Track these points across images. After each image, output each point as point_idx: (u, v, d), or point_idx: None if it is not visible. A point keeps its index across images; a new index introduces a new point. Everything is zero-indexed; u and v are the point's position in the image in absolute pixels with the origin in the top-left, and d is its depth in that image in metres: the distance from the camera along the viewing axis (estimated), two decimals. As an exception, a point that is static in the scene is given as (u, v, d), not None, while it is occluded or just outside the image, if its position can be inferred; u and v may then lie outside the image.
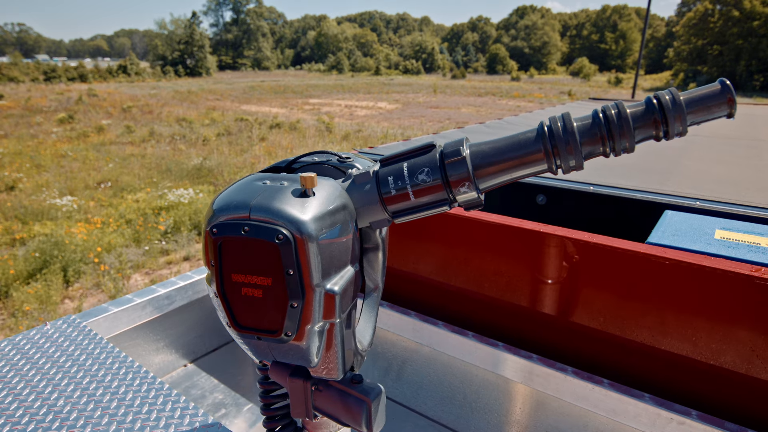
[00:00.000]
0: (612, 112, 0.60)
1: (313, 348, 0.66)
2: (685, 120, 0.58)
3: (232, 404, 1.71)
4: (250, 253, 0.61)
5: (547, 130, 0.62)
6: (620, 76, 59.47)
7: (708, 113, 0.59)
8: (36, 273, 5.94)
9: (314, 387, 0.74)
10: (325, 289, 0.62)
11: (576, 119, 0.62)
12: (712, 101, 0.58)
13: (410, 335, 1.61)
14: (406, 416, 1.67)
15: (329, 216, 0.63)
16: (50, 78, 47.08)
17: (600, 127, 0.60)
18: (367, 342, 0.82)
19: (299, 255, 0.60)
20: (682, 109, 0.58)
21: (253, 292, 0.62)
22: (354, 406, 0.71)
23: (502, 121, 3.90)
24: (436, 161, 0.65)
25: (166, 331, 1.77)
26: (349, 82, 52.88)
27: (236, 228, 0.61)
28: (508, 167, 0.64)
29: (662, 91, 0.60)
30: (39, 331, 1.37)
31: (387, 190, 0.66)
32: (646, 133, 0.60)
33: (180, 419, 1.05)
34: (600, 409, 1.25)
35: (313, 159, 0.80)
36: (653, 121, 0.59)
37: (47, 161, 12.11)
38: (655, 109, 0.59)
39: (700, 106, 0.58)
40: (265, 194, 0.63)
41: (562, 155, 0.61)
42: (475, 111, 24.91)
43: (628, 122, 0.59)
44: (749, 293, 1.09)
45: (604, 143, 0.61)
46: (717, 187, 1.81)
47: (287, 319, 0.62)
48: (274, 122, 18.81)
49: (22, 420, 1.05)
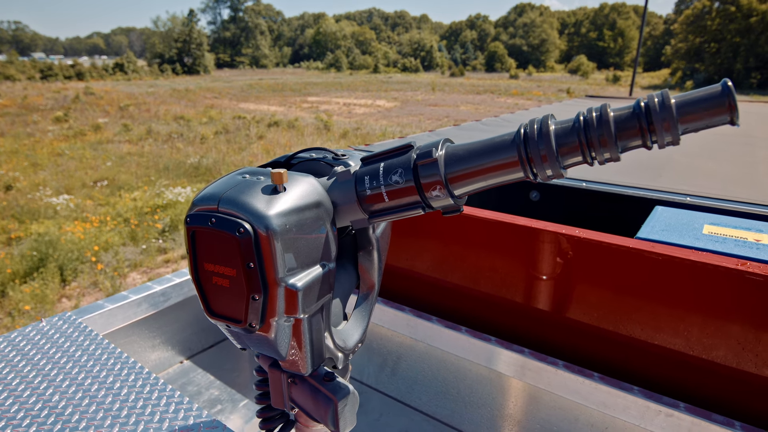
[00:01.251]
0: (593, 115, 0.54)
1: (282, 341, 0.67)
2: (675, 127, 0.50)
3: (228, 400, 1.73)
4: (217, 244, 0.63)
5: (522, 134, 0.57)
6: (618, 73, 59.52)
7: (704, 120, 0.50)
8: (33, 272, 5.94)
9: (290, 379, 0.76)
10: (287, 284, 0.63)
11: (557, 122, 0.56)
12: (710, 106, 0.49)
13: (405, 331, 1.62)
14: (401, 411, 1.68)
15: (296, 213, 0.63)
16: (47, 76, 46.92)
17: (579, 132, 0.54)
18: (353, 341, 0.82)
19: (261, 249, 0.61)
20: (672, 113, 0.50)
21: (221, 281, 0.65)
22: (322, 403, 0.72)
23: (499, 118, 3.91)
24: (410, 162, 0.63)
25: (162, 328, 1.78)
26: (348, 80, 52.82)
27: (205, 219, 0.63)
28: (481, 173, 0.60)
29: (655, 92, 0.53)
30: (35, 327, 1.38)
31: (363, 189, 0.66)
32: (631, 141, 0.53)
33: (175, 414, 1.06)
34: (591, 402, 1.27)
35: (311, 155, 0.81)
36: (638, 127, 0.52)
37: (44, 160, 12.09)
38: (641, 113, 0.51)
39: (695, 111, 0.50)
40: (236, 188, 0.65)
41: (536, 163, 0.56)
42: (473, 109, 24.92)
43: (609, 128, 0.53)
44: (736, 287, 1.11)
45: (583, 151, 0.54)
46: (708, 183, 1.83)
47: (250, 311, 0.64)
48: (272, 120, 18.79)
49: (18, 416, 1.06)
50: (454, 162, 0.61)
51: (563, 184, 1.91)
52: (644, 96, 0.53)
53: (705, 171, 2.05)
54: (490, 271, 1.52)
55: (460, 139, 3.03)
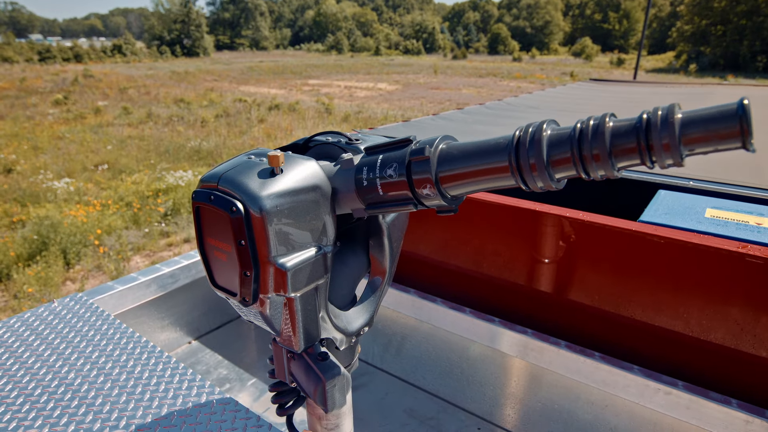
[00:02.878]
0: (590, 126, 0.48)
1: (276, 317, 0.71)
2: (676, 148, 0.44)
3: (236, 379, 1.77)
4: (215, 221, 0.67)
5: (515, 139, 0.53)
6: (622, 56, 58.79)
7: (712, 143, 0.43)
8: (36, 255, 5.98)
9: (289, 354, 0.79)
10: (277, 264, 0.65)
11: (554, 129, 0.52)
12: (720, 128, 0.42)
13: (409, 312, 1.65)
14: (405, 390, 1.72)
15: (291, 195, 0.65)
16: (45, 58, 46.47)
17: (573, 144, 0.49)
18: (357, 325, 0.84)
19: (252, 228, 0.63)
20: (674, 132, 0.43)
21: (220, 256, 0.68)
22: (313, 380, 0.75)
23: (503, 102, 3.89)
24: (405, 157, 0.62)
25: (171, 309, 1.82)
26: (349, 62, 52.27)
27: (206, 196, 0.66)
28: (472, 176, 0.57)
29: (663, 106, 0.46)
30: (47, 308, 1.41)
31: (361, 179, 0.67)
32: (628, 159, 0.47)
33: (188, 391, 1.09)
34: (591, 380, 1.30)
35: (326, 138, 0.83)
36: (636, 144, 0.46)
37: (44, 143, 12.06)
38: (641, 128, 0.45)
39: (702, 131, 0.43)
40: (237, 168, 0.68)
41: (525, 172, 0.52)
42: (476, 92, 24.71)
43: (603, 142, 0.47)
44: (737, 269, 1.13)
45: (576, 164, 0.49)
46: (710, 167, 1.83)
47: (243, 286, 0.67)
48: (273, 103, 18.67)
49: (35, 392, 1.09)
50: (447, 161, 0.59)
51: (567, 167, 1.92)
52: (650, 109, 0.46)
53: (707, 155, 2.06)
54: (494, 253, 1.54)
55: (464, 123, 3.03)
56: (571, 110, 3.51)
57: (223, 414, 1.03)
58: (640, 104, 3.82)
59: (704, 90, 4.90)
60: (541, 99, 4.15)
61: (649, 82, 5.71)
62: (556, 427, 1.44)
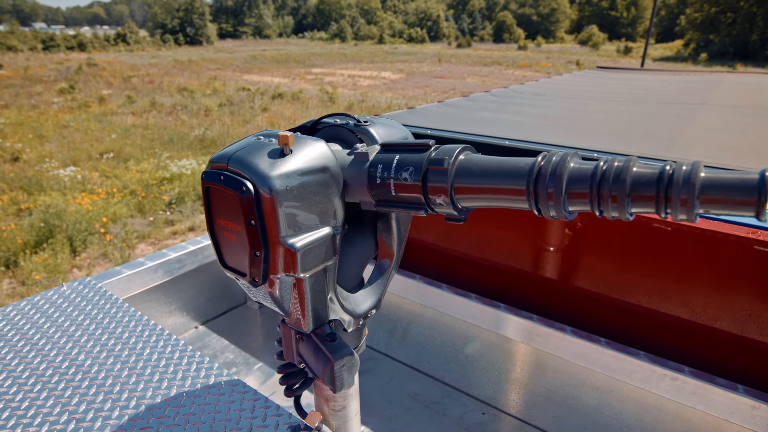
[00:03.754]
0: (614, 167, 0.49)
1: (285, 297, 0.71)
2: (693, 206, 0.45)
3: (243, 363, 1.78)
4: (224, 201, 0.67)
5: (536, 167, 0.54)
6: (630, 44, 58.07)
7: (728, 207, 0.45)
8: (42, 242, 6.03)
9: (298, 335, 0.80)
10: (286, 244, 0.65)
11: (578, 163, 0.52)
12: (739, 195, 0.44)
13: (415, 298, 1.66)
14: (410, 375, 1.74)
15: (300, 175, 0.65)
16: (49, 47, 46.39)
17: (593, 182, 0.50)
18: (365, 307, 0.85)
19: (262, 208, 0.63)
20: (693, 191, 0.45)
21: (230, 236, 0.68)
22: (321, 360, 0.76)
23: (509, 89, 3.86)
24: (423, 163, 0.62)
25: (178, 294, 1.83)
26: (353, 50, 51.90)
27: (216, 176, 0.66)
28: (488, 192, 0.58)
29: (687, 162, 0.47)
30: (56, 292, 1.42)
31: (374, 176, 0.67)
32: (644, 207, 0.49)
33: (197, 373, 1.10)
34: (597, 366, 1.31)
35: (335, 120, 0.83)
36: (655, 194, 0.47)
37: (49, 132, 12.09)
38: (662, 180, 0.47)
39: (721, 195, 0.44)
40: (246, 149, 0.67)
41: (541, 200, 0.53)
42: (480, 81, 24.52)
43: (624, 186, 0.48)
44: (747, 255, 1.12)
45: (592, 202, 0.50)
46: (721, 154, 1.82)
47: (252, 266, 0.67)
48: (277, 92, 18.60)
49: (46, 373, 1.10)
50: (465, 174, 0.59)
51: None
52: (674, 162, 0.48)
53: (718, 143, 2.04)
54: (500, 240, 1.54)
55: (469, 110, 3.01)
56: (578, 97, 3.48)
57: (231, 395, 1.04)
58: (648, 92, 3.79)
59: (713, 78, 4.84)
60: (548, 87, 4.12)
61: (657, 70, 5.64)
62: (561, 412, 1.45)
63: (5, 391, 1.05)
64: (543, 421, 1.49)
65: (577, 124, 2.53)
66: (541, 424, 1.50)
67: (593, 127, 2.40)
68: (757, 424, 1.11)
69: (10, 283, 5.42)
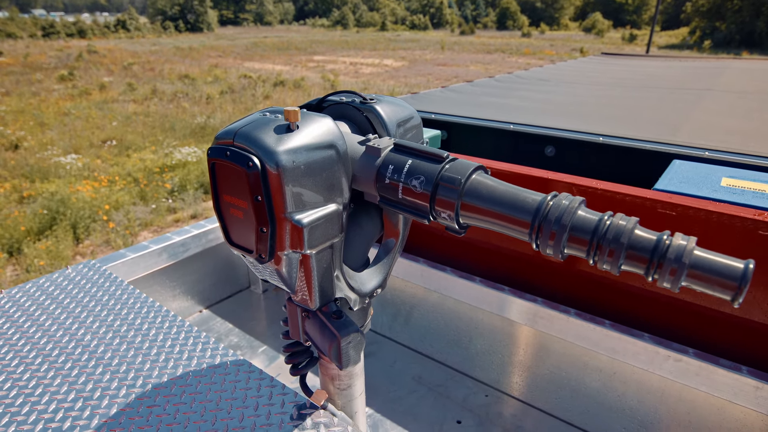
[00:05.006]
0: (617, 225, 0.53)
1: (291, 274, 0.71)
2: (679, 278, 0.51)
3: (247, 347, 1.79)
4: (231, 177, 0.66)
5: (545, 206, 0.56)
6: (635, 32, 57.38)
7: (709, 286, 0.50)
8: (46, 229, 6.05)
9: (304, 313, 0.80)
10: (293, 220, 0.65)
11: (584, 211, 0.56)
12: (722, 279, 0.49)
13: (418, 281, 1.66)
14: (414, 358, 1.75)
15: (306, 151, 0.65)
16: (49, 34, 46.10)
17: (595, 234, 0.54)
18: (371, 286, 0.85)
19: (268, 184, 0.63)
20: (683, 266, 0.50)
21: (236, 213, 0.68)
22: (328, 338, 0.76)
23: (513, 75, 3.83)
24: (434, 175, 0.63)
25: (182, 278, 1.83)
26: (354, 38, 51.44)
27: (222, 152, 0.66)
28: (492, 217, 0.61)
29: (685, 237, 0.52)
30: (61, 274, 1.43)
31: (383, 175, 0.68)
32: (635, 266, 0.53)
33: (203, 353, 1.11)
34: (600, 348, 1.31)
35: (340, 98, 0.82)
36: (648, 259, 0.52)
37: (50, 119, 12.06)
38: (658, 248, 0.51)
39: (706, 275, 0.50)
40: (253, 124, 0.67)
41: (543, 238, 0.57)
42: (483, 69, 24.32)
43: (619, 247, 0.52)
44: (753, 237, 1.12)
45: (589, 251, 0.55)
46: (727, 138, 1.80)
47: (259, 242, 0.67)
48: (278, 80, 18.49)
49: (53, 353, 1.11)
50: (474, 196, 0.62)
51: (579, 138, 1.90)
52: (671, 234, 0.52)
53: (724, 127, 2.02)
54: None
55: (473, 95, 2.98)
56: (582, 83, 3.44)
57: (237, 375, 1.05)
58: (653, 78, 3.75)
59: (719, 64, 4.79)
60: (552, 72, 4.08)
61: (662, 56, 5.58)
62: (564, 394, 1.46)
63: (12, 370, 1.05)
64: (546, 403, 1.50)
65: (582, 109, 2.51)
66: (544, 407, 1.51)
67: (598, 112, 2.38)
68: (760, 404, 1.11)
69: (14, 270, 5.45)
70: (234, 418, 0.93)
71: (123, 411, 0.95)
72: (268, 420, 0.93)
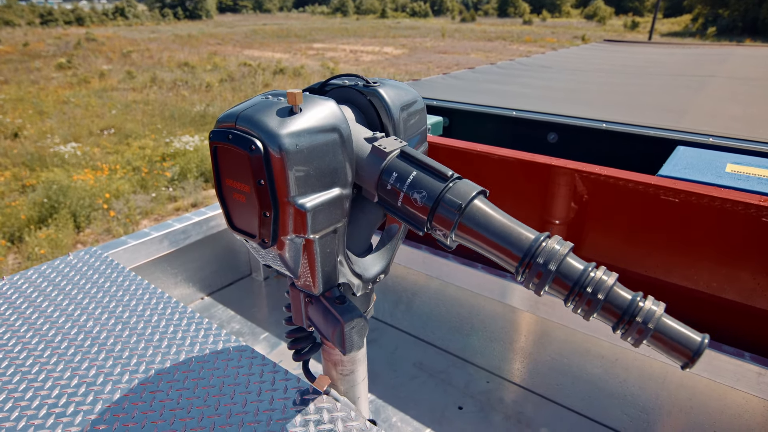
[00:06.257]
0: (599, 279, 0.58)
1: (295, 259, 0.70)
2: (642, 337, 0.56)
3: (249, 333, 1.80)
4: (233, 160, 0.65)
5: (536, 248, 0.60)
6: (637, 19, 56.80)
7: (666, 350, 0.56)
8: (46, 218, 6.04)
9: (307, 298, 0.80)
10: (296, 204, 0.64)
11: (572, 260, 0.60)
12: (680, 347, 0.55)
13: (420, 268, 1.66)
14: (415, 345, 1.75)
15: (309, 134, 0.64)
16: (47, 21, 45.69)
17: (579, 283, 0.58)
18: (374, 271, 0.85)
19: (271, 167, 0.62)
20: (648, 329, 0.56)
21: (239, 197, 0.68)
22: (331, 323, 0.76)
23: (514, 62, 3.79)
24: (437, 193, 0.65)
25: (184, 265, 1.83)
26: (354, 25, 50.95)
27: (224, 135, 0.65)
28: (485, 243, 0.64)
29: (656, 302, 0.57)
30: (62, 261, 1.42)
31: (385, 180, 0.69)
32: (607, 319, 0.58)
33: (205, 339, 1.11)
34: (602, 334, 1.31)
35: (343, 81, 0.81)
36: (620, 315, 0.57)
37: (49, 108, 11.99)
38: (630, 308, 0.57)
39: (666, 340, 0.56)
40: (256, 107, 0.66)
41: (529, 274, 0.60)
42: (484, 56, 24.13)
43: (597, 300, 0.57)
44: (757, 223, 1.11)
45: (568, 296, 0.59)
46: (732, 124, 1.79)
47: (262, 227, 0.67)
48: (278, 68, 18.36)
49: (55, 339, 1.11)
50: (472, 221, 0.64)
51: (582, 124, 1.88)
52: (649, 298, 0.57)
53: (729, 113, 2.00)
54: (507, 209, 1.52)
55: (475, 82, 2.96)
56: (585, 70, 3.41)
57: (240, 360, 1.05)
58: (656, 64, 3.71)
59: (722, 51, 4.74)
60: (554, 59, 4.04)
61: (665, 43, 5.53)
62: (565, 380, 1.46)
63: (15, 355, 1.06)
64: (547, 389, 1.51)
65: (584, 95, 2.48)
66: (546, 393, 1.51)
67: (600, 98, 2.36)
68: (762, 390, 1.12)
69: (15, 258, 5.46)
70: (237, 404, 0.93)
71: (126, 396, 0.95)
72: (271, 405, 0.93)
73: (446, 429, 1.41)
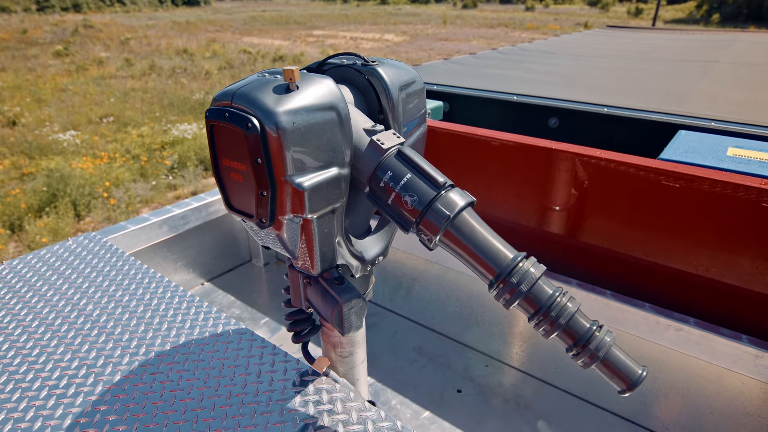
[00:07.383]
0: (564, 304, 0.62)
1: (293, 240, 0.70)
2: (592, 362, 0.62)
3: (249, 318, 1.80)
4: (229, 139, 0.65)
5: (513, 267, 0.63)
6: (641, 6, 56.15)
7: (609, 375, 0.63)
8: (46, 206, 6.04)
9: (306, 280, 0.80)
10: (294, 183, 0.64)
11: (544, 283, 0.63)
12: (621, 376, 0.62)
13: (420, 253, 1.66)
14: (415, 329, 1.76)
15: (306, 112, 0.63)
16: (43, 8, 45.22)
17: (546, 305, 0.62)
18: (373, 253, 0.84)
19: (268, 145, 0.62)
20: (596, 356, 0.62)
21: (236, 176, 0.67)
22: (330, 304, 0.76)
23: (516, 47, 3.76)
24: (428, 200, 0.66)
25: (184, 251, 1.83)
26: (355, 11, 50.42)
27: (220, 113, 0.64)
28: (466, 254, 0.66)
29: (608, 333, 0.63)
30: (62, 246, 1.43)
31: (379, 176, 0.69)
32: (565, 341, 0.63)
33: (205, 322, 1.12)
34: (601, 318, 1.31)
35: (341, 60, 0.80)
36: (576, 340, 0.62)
37: (47, 95, 11.92)
38: (586, 336, 0.62)
39: (610, 368, 0.62)
40: (252, 84, 0.65)
41: (502, 290, 0.64)
42: (486, 44, 23.91)
43: (558, 324, 0.62)
44: (759, 207, 1.11)
45: (534, 315, 0.63)
46: (734, 108, 1.77)
47: (259, 207, 0.66)
48: (277, 55, 18.22)
49: (55, 322, 1.12)
50: (457, 230, 0.66)
51: (583, 109, 1.87)
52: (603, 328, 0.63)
53: (731, 98, 1.99)
54: (506, 196, 1.52)
55: (476, 68, 2.93)
56: (587, 55, 3.38)
57: (240, 343, 1.05)
58: (660, 50, 3.68)
59: (726, 37, 4.69)
60: (556, 45, 4.00)
61: (669, 29, 5.47)
62: (564, 364, 1.47)
63: (16, 339, 1.06)
64: (545, 372, 1.52)
65: (587, 80, 2.46)
66: (544, 376, 1.52)
67: (603, 84, 2.34)
68: (760, 372, 1.12)
69: (16, 247, 5.47)
70: (237, 385, 0.94)
71: (126, 378, 0.95)
72: (271, 386, 0.94)
73: (445, 412, 1.42)
